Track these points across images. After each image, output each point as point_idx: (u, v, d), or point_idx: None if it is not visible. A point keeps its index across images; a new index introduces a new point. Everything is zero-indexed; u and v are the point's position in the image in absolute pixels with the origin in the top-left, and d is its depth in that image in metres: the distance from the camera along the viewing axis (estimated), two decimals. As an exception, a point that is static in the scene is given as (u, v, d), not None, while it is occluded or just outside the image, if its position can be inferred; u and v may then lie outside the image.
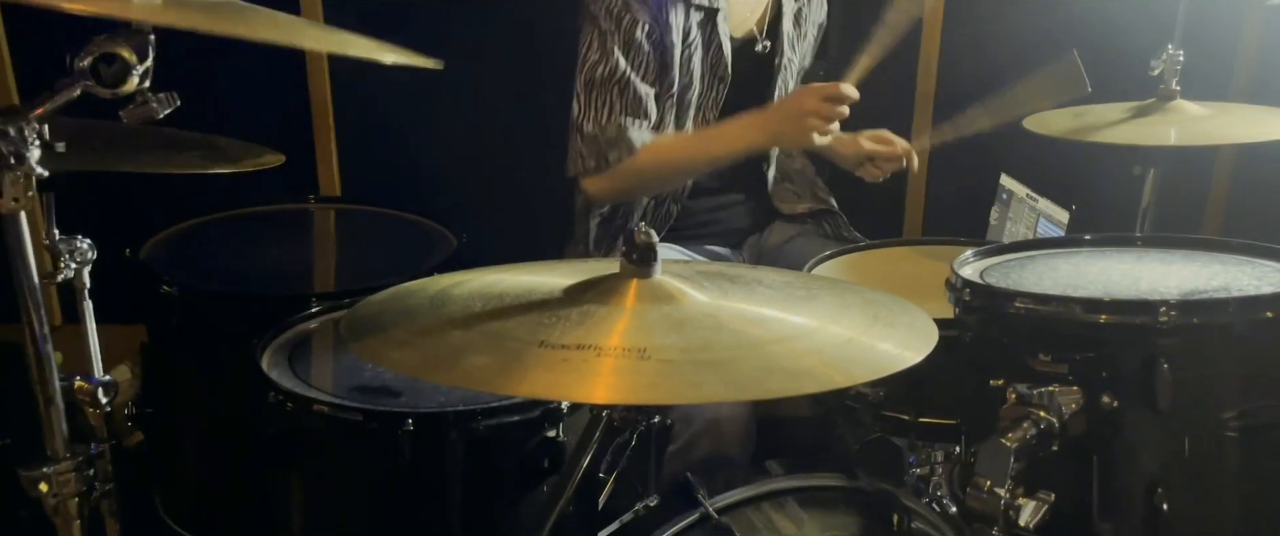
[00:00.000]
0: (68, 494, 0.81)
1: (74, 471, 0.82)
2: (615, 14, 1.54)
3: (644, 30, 1.54)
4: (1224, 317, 0.88)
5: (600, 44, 1.55)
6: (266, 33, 0.76)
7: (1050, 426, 0.88)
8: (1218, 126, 1.47)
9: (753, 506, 1.17)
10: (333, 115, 2.31)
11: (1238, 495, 0.92)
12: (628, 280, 0.90)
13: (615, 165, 1.56)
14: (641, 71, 1.56)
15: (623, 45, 1.54)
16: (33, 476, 0.84)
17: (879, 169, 1.77)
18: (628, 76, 1.55)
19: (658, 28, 1.55)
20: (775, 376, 0.75)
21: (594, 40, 1.56)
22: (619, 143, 1.57)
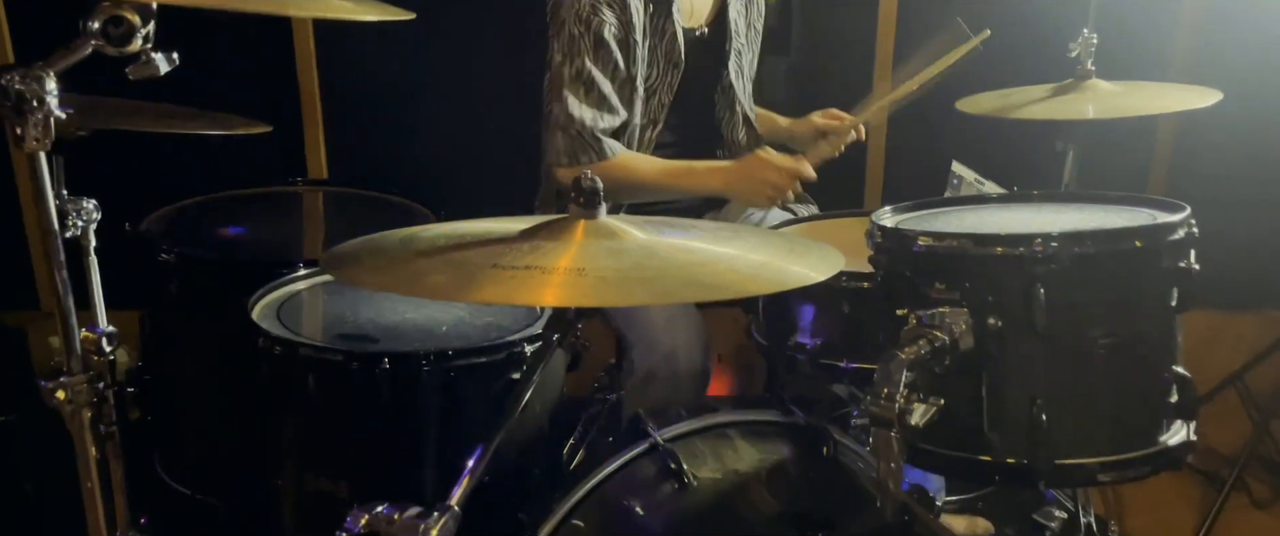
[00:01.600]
0: (82, 402, 0.93)
1: (87, 383, 0.94)
2: (584, 17, 1.65)
3: (611, 31, 1.65)
4: (1090, 248, 1.01)
5: (569, 46, 1.66)
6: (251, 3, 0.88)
7: (942, 344, 1.00)
8: (1128, 102, 1.60)
9: (698, 437, 1.29)
10: (320, 102, 2.44)
11: (1106, 405, 1.05)
12: (576, 221, 1.03)
13: (586, 166, 1.67)
14: (608, 70, 1.67)
15: (591, 46, 1.65)
16: (51, 386, 0.96)
17: (831, 145, 1.90)
18: (594, 76, 1.66)
19: (622, 27, 1.67)
20: (693, 287, 0.88)
21: (563, 42, 1.67)
22: (591, 146, 1.68)
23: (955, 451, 1.08)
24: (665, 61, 1.77)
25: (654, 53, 1.75)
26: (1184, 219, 1.06)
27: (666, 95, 1.79)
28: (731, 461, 1.23)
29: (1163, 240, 1.04)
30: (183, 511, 1.64)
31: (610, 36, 1.66)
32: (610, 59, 1.67)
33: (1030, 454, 1.04)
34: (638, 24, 1.69)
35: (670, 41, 1.75)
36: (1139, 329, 1.04)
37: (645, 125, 1.80)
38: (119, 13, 0.87)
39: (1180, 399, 1.07)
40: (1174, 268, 1.05)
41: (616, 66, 1.68)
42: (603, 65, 1.67)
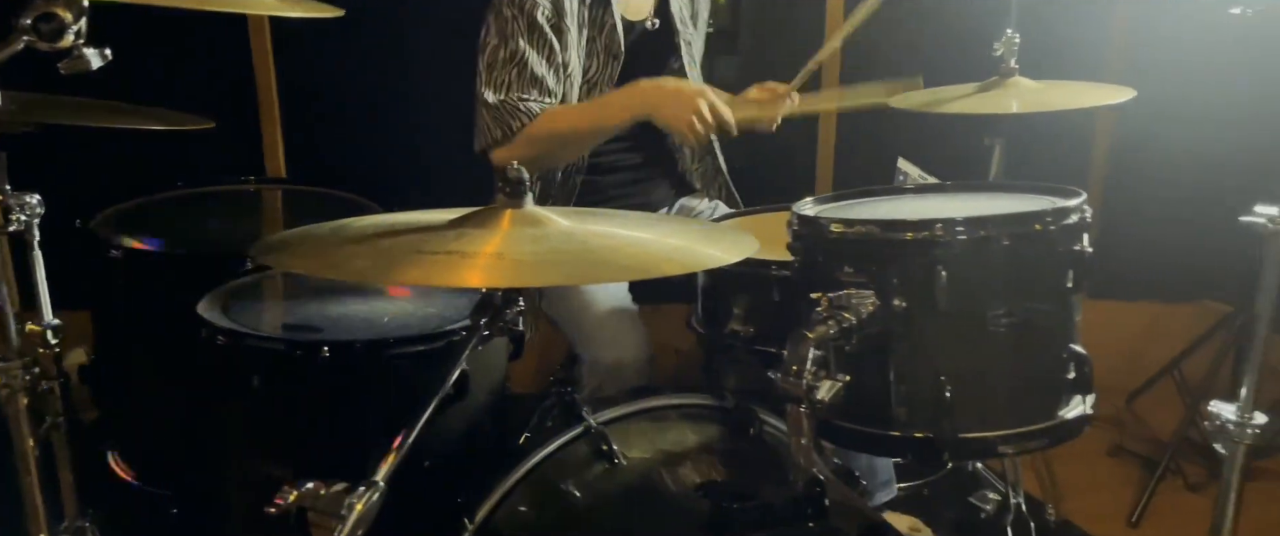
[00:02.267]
0: (17, 387, 0.96)
1: (22, 369, 0.97)
2: (518, 2, 1.69)
3: (544, 15, 1.70)
4: (987, 232, 1.07)
5: (501, 28, 1.70)
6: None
7: (850, 324, 1.06)
8: (1049, 97, 1.67)
9: (631, 420, 1.34)
10: (278, 100, 2.46)
11: (1008, 380, 1.11)
12: (503, 211, 1.08)
13: (517, 134, 1.70)
14: (541, 51, 1.70)
15: (525, 29, 1.69)
16: (-16, 370, 0.99)
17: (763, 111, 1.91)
18: (527, 57, 1.69)
19: (556, 14, 1.71)
20: (605, 268, 0.93)
21: (496, 25, 1.71)
22: (518, 113, 1.71)
23: (867, 427, 1.14)
24: (605, 53, 1.81)
25: (593, 45, 1.79)
26: (1078, 204, 1.12)
27: (608, 87, 1.83)
28: (661, 442, 1.29)
29: (1057, 224, 1.10)
30: (133, 502, 1.66)
31: (543, 20, 1.70)
32: (545, 42, 1.71)
33: (935, 428, 1.10)
34: (571, 12, 1.73)
35: (609, 33, 1.80)
36: (1037, 308, 1.10)
37: None
38: (51, 9, 0.90)
39: (1077, 375, 1.12)
40: (1069, 250, 1.11)
41: (552, 50, 1.72)
42: (536, 47, 1.70)
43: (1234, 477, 1.40)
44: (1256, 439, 2.45)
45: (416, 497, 1.37)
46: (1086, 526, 2.18)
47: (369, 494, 0.95)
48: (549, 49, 1.72)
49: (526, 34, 1.70)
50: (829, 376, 1.04)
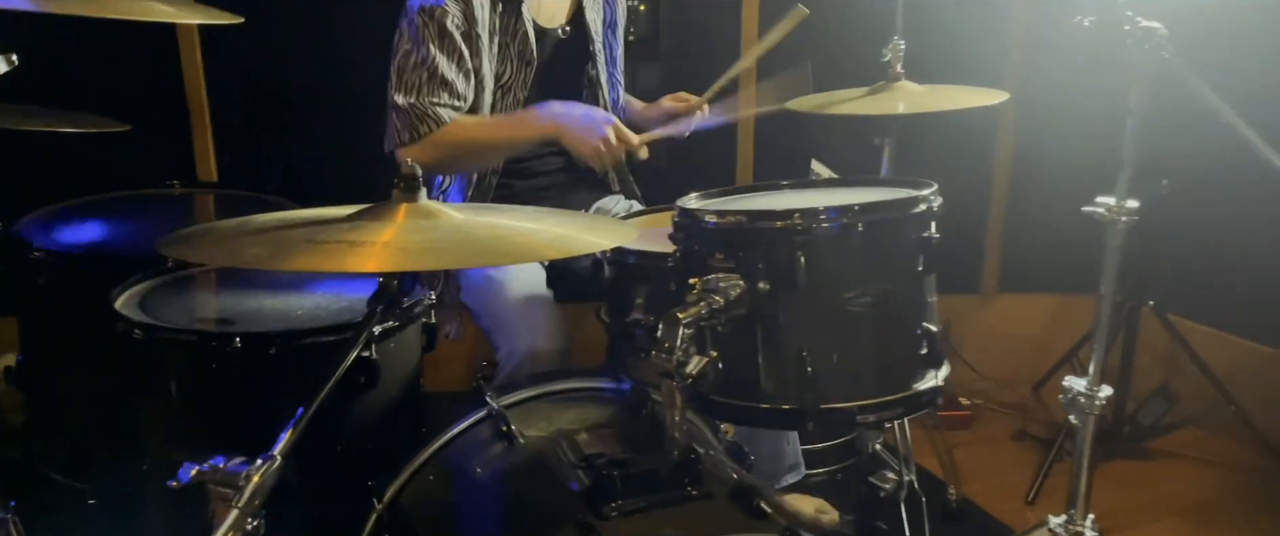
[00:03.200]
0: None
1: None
2: (428, 9, 1.76)
3: (454, 22, 1.77)
4: (842, 220, 1.17)
5: (413, 34, 1.77)
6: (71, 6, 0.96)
7: (718, 305, 1.15)
8: (932, 100, 1.80)
9: (532, 402, 1.43)
10: (207, 106, 2.50)
11: (865, 355, 1.21)
12: (398, 205, 1.16)
13: (426, 138, 1.77)
14: (451, 57, 1.78)
15: (435, 35, 1.76)
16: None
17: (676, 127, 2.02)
18: (437, 62, 1.76)
19: (466, 21, 1.79)
20: (486, 254, 1.01)
21: (408, 30, 1.78)
22: (428, 117, 1.78)
23: (740, 401, 1.23)
24: (518, 59, 1.89)
25: (505, 50, 1.87)
26: (927, 195, 1.23)
27: (522, 91, 1.91)
28: (558, 422, 1.37)
29: (907, 213, 1.21)
30: (56, 497, 1.70)
31: (453, 27, 1.77)
32: (455, 48, 1.78)
33: (800, 400, 1.19)
34: (482, 19, 1.81)
35: (522, 40, 1.88)
36: (890, 290, 1.20)
37: None
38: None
39: (929, 351, 1.23)
40: (919, 237, 1.22)
41: (461, 56, 1.79)
42: (447, 53, 1.77)
43: (1086, 445, 1.52)
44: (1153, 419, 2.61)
45: (331, 482, 1.45)
46: (986, 505, 2.31)
47: (266, 466, 1.02)
48: (459, 55, 1.79)
49: (437, 40, 1.78)
50: (699, 353, 1.13)
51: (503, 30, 1.86)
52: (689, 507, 1.15)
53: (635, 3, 2.61)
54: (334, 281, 1.62)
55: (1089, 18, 1.35)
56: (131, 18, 0.95)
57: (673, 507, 1.14)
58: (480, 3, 1.80)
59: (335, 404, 1.44)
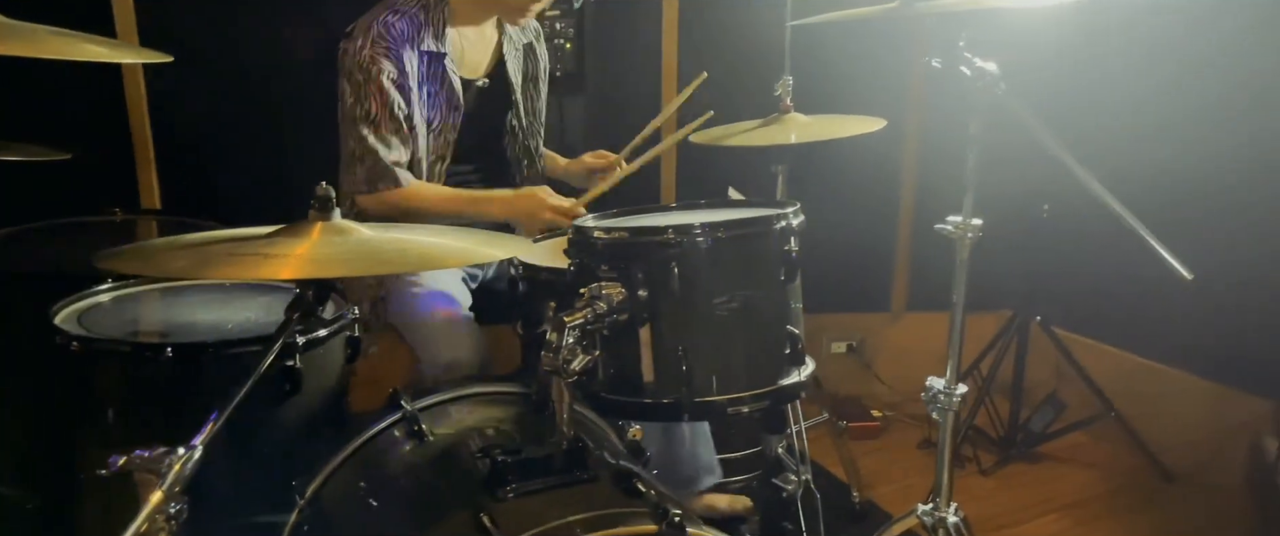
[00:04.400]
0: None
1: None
2: (365, 66, 1.90)
3: (390, 77, 1.91)
4: (711, 235, 1.33)
5: (355, 91, 1.91)
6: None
7: (603, 310, 1.31)
8: (818, 129, 1.99)
9: (443, 405, 1.56)
10: (151, 134, 2.60)
11: (735, 354, 1.37)
12: (314, 223, 1.29)
13: (383, 193, 1.93)
14: (391, 109, 1.92)
15: (375, 91, 1.90)
16: None
17: (603, 179, 2.21)
18: (379, 117, 1.91)
19: (401, 73, 1.93)
20: (390, 263, 1.15)
21: (350, 88, 1.92)
22: (385, 176, 1.93)
23: (627, 397, 1.38)
24: (447, 106, 2.03)
25: (435, 98, 2.02)
26: (787, 213, 1.40)
27: (452, 134, 2.06)
28: (466, 421, 1.51)
29: (769, 229, 1.38)
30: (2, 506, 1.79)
31: (389, 82, 1.91)
32: (391, 101, 1.92)
33: (677, 394, 1.35)
34: (412, 71, 1.95)
35: (449, 89, 2.03)
36: (755, 296, 1.37)
37: (434, 160, 2.05)
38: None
39: (791, 350, 1.40)
40: (780, 250, 1.39)
41: (398, 107, 1.94)
42: (387, 107, 1.92)
43: (947, 437, 1.69)
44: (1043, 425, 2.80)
45: (258, 483, 1.56)
46: (888, 507, 2.47)
47: (188, 455, 1.14)
48: (399, 108, 1.93)
49: (377, 96, 1.92)
50: (584, 353, 1.28)
51: (431, 80, 2.00)
52: (577, 490, 1.28)
53: (562, 41, 2.79)
54: (265, 299, 1.74)
55: (937, 58, 1.54)
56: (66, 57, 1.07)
57: (562, 490, 1.27)
58: (409, 57, 1.95)
59: (263, 410, 1.58)
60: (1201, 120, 2.43)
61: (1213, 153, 2.39)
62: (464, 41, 2.05)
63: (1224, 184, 2.41)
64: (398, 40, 1.92)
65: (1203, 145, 2.40)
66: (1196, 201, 2.42)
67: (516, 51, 2.17)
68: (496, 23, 2.12)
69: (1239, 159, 2.35)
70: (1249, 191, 2.37)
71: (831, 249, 2.99)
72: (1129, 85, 2.67)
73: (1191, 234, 2.40)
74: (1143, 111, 2.61)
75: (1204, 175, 2.43)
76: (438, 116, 2.03)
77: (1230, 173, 2.39)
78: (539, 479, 1.29)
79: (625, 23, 2.83)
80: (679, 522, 1.18)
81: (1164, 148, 2.51)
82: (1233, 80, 2.37)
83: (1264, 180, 2.33)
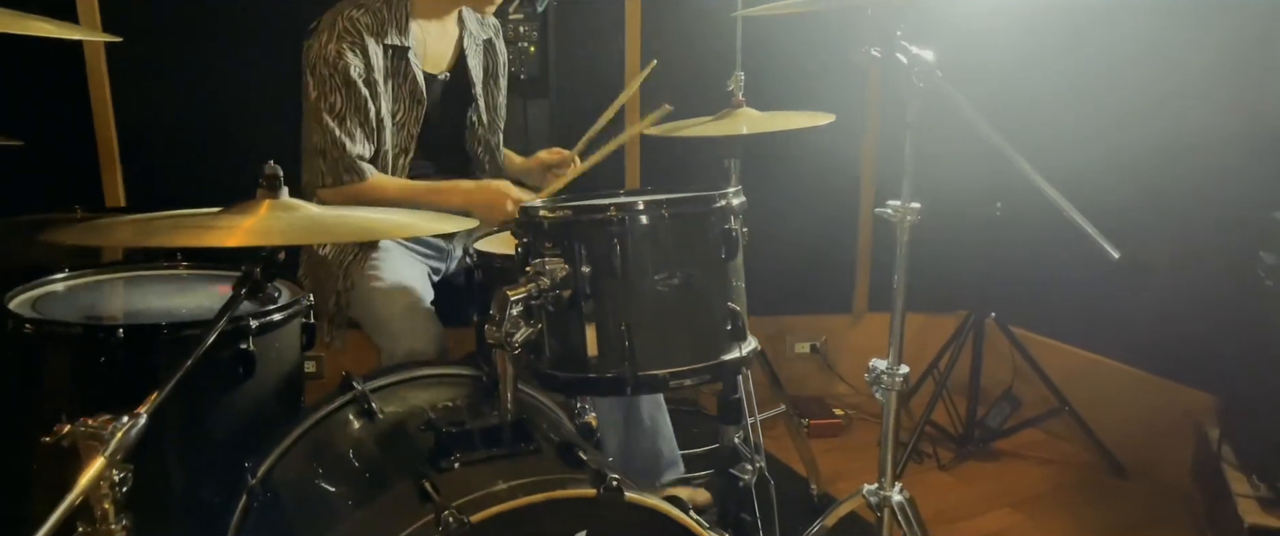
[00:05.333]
0: None
1: None
2: (330, 61, 1.93)
3: (356, 71, 1.94)
4: (653, 213, 1.37)
5: (319, 85, 1.94)
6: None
7: (546, 285, 1.34)
8: (769, 122, 2.04)
9: (394, 386, 1.58)
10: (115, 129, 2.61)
11: (677, 329, 1.39)
12: (263, 201, 1.32)
13: (347, 186, 1.95)
14: (356, 103, 1.95)
15: (341, 85, 1.93)
16: None
17: (557, 175, 2.25)
18: (344, 110, 1.94)
19: (366, 68, 1.96)
20: (330, 233, 1.18)
21: (314, 82, 1.95)
22: (350, 169, 1.96)
23: (573, 373, 1.41)
24: (410, 98, 2.07)
25: (398, 91, 2.05)
26: (728, 193, 1.44)
27: (414, 127, 2.09)
28: (415, 401, 1.53)
29: (708, 208, 1.41)
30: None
31: (357, 77, 1.94)
32: (359, 95, 1.95)
33: (620, 367, 1.38)
34: (378, 65, 1.99)
35: (412, 83, 2.06)
36: (696, 273, 1.40)
37: (397, 154, 2.08)
38: None
39: (732, 327, 1.43)
40: (721, 229, 1.42)
41: (365, 102, 1.97)
42: (352, 100, 1.95)
43: (891, 418, 1.73)
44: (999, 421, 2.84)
45: (213, 465, 1.58)
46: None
47: (132, 422, 1.16)
48: (364, 101, 1.96)
49: (343, 89, 1.95)
50: (527, 326, 1.31)
51: (395, 73, 2.04)
52: (521, 460, 1.31)
53: (525, 44, 2.84)
54: (224, 288, 1.75)
55: (876, 48, 1.59)
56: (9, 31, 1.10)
57: (506, 460, 1.30)
58: (375, 51, 1.99)
59: (218, 393, 1.60)
60: (1146, 116, 2.50)
61: (1155, 149, 2.46)
62: (426, 35, 2.09)
63: (1169, 181, 2.48)
64: (362, 34, 1.95)
65: (1145, 141, 2.47)
66: (1143, 198, 2.49)
67: (477, 47, 2.21)
68: (457, 18, 2.16)
69: (1183, 156, 2.42)
70: (1193, 189, 2.44)
71: (794, 251, 3.06)
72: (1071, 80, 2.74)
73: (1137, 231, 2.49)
74: (1086, 107, 2.69)
75: (1149, 172, 2.50)
76: (401, 109, 2.06)
77: (1174, 171, 2.46)
78: (484, 449, 1.32)
79: (588, 26, 2.88)
80: (617, 487, 1.21)
81: (1106, 144, 2.58)
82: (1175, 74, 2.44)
83: (1208, 179, 2.40)
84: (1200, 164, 2.39)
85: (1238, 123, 2.28)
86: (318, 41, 1.95)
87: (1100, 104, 2.64)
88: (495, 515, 1.15)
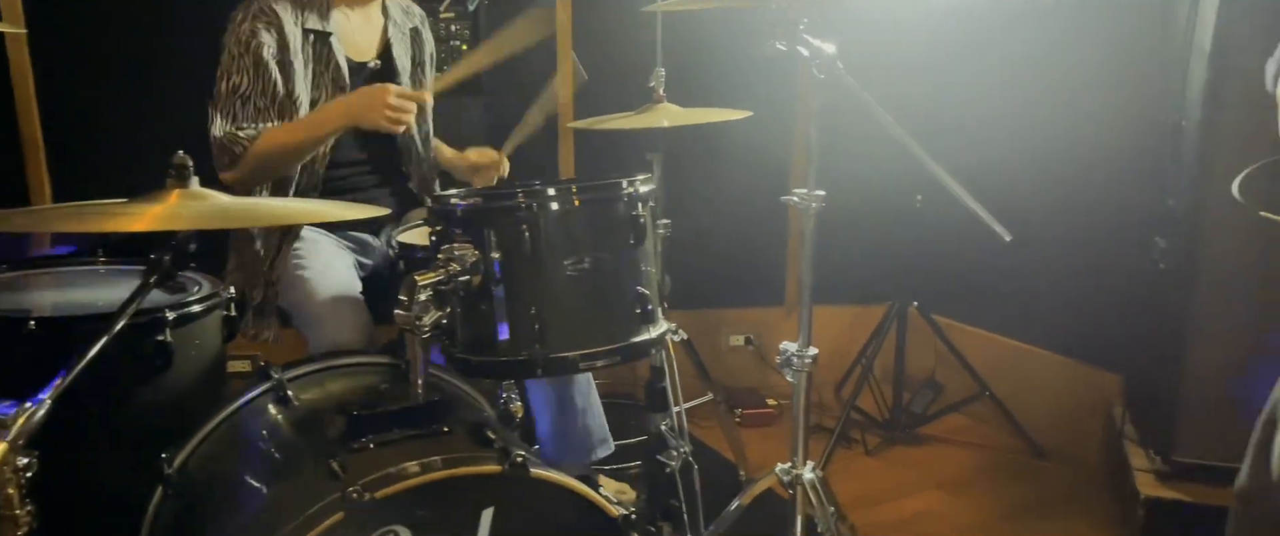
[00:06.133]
0: None
1: None
2: (244, 40, 1.94)
3: (269, 51, 1.95)
4: (561, 199, 1.41)
5: (228, 64, 1.94)
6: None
7: (455, 271, 1.37)
8: (688, 117, 2.10)
9: (312, 375, 1.60)
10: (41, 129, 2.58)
11: (586, 312, 1.43)
12: (172, 190, 1.34)
13: (240, 159, 1.93)
14: (265, 85, 1.95)
15: (250, 65, 1.93)
16: None
17: (484, 176, 2.28)
18: (250, 92, 1.94)
19: (280, 49, 1.96)
20: (235, 219, 1.20)
21: (226, 62, 1.95)
22: (238, 140, 1.93)
23: (485, 357, 1.44)
24: (332, 85, 2.07)
25: (319, 77, 2.05)
26: (635, 181, 1.49)
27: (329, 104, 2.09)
28: (332, 389, 1.56)
29: (616, 194, 1.46)
30: None
31: (269, 57, 1.94)
32: (269, 76, 1.94)
33: (530, 350, 1.42)
34: (295, 47, 1.98)
35: (335, 69, 2.06)
36: (605, 258, 1.44)
37: None
38: None
39: (642, 310, 1.47)
40: (628, 215, 1.46)
41: (274, 84, 1.96)
42: (259, 82, 1.94)
43: (801, 399, 1.79)
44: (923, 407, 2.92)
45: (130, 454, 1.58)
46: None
47: (35, 408, 1.17)
48: (273, 83, 1.95)
49: (252, 69, 1.94)
50: (436, 309, 1.34)
51: (316, 59, 2.04)
52: (431, 440, 1.34)
53: (458, 43, 2.86)
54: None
55: (781, 41, 1.66)
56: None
57: (417, 441, 1.33)
58: (293, 32, 1.99)
59: (135, 385, 1.60)
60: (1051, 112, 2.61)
61: (1059, 143, 2.57)
62: (349, 23, 2.10)
63: (1073, 173, 2.59)
64: (278, 15, 1.96)
65: (1050, 136, 2.58)
66: (1048, 188, 2.60)
67: (403, 35, 2.22)
68: (382, 7, 2.18)
69: (1085, 149, 2.53)
70: (1095, 180, 2.55)
71: (727, 245, 3.12)
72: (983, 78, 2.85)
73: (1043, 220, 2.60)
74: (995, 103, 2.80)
75: (1054, 164, 2.61)
76: (323, 96, 2.05)
77: (1077, 163, 2.57)
78: (395, 431, 1.35)
79: (520, 25, 2.91)
80: (522, 463, 1.25)
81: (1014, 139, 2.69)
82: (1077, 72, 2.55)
83: (1108, 169, 2.51)
84: (1100, 156, 2.50)
85: (1133, 116, 2.39)
86: (233, 22, 1.96)
87: (1008, 100, 2.75)
88: (400, 492, 1.18)
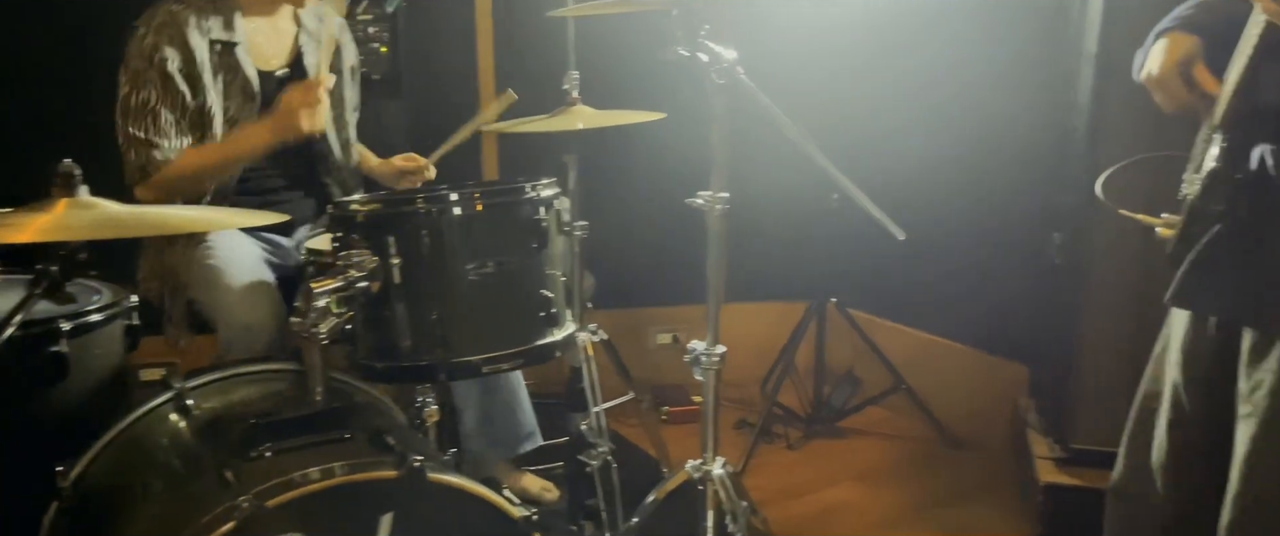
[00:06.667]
0: None
1: None
2: (147, 54, 1.90)
3: (174, 65, 1.91)
4: (462, 204, 1.42)
5: (132, 79, 1.90)
6: None
7: (353, 277, 1.38)
8: (602, 118, 2.12)
9: (215, 383, 1.59)
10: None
11: (489, 316, 1.46)
12: (59, 199, 1.31)
13: (153, 178, 1.91)
14: (173, 99, 1.92)
15: (157, 78, 1.90)
16: None
17: (411, 181, 2.27)
18: (158, 107, 1.90)
19: (186, 62, 1.92)
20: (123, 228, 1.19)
21: (128, 76, 1.91)
22: (152, 160, 1.92)
23: (388, 362, 1.45)
24: (242, 95, 2.04)
25: (229, 87, 2.03)
26: (537, 185, 1.51)
27: (251, 124, 2.08)
28: (234, 397, 1.54)
29: (518, 199, 1.48)
30: None
31: (175, 71, 1.91)
32: (176, 90, 1.92)
33: (433, 355, 1.43)
34: (201, 59, 1.95)
35: (243, 79, 2.03)
36: (507, 262, 1.46)
37: None
38: None
39: (546, 314, 1.50)
40: (532, 219, 1.49)
41: (183, 97, 1.93)
42: (168, 97, 1.92)
43: (710, 396, 1.83)
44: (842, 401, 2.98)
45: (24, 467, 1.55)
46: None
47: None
48: (181, 96, 1.93)
49: (159, 83, 1.91)
50: (335, 317, 1.34)
51: (224, 69, 2.00)
52: (330, 447, 1.34)
53: (377, 45, 2.84)
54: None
55: (683, 47, 1.68)
56: None
57: (315, 448, 1.33)
58: (198, 44, 1.95)
59: (29, 396, 1.57)
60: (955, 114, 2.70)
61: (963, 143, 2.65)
62: (257, 32, 2.08)
63: (978, 172, 2.68)
64: (181, 27, 1.93)
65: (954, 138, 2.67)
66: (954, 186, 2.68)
67: (315, 44, 2.20)
68: (293, 16, 2.16)
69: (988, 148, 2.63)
70: (998, 178, 2.64)
71: (649, 245, 3.15)
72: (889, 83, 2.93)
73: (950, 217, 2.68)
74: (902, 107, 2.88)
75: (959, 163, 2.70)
76: (233, 106, 2.03)
77: (981, 162, 2.66)
78: (294, 438, 1.34)
79: (439, 27, 2.91)
80: (418, 468, 1.26)
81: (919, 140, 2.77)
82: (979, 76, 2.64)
83: (1010, 168, 2.61)
84: (1004, 156, 2.59)
85: (1033, 118, 2.49)
86: (135, 36, 1.93)
87: (916, 103, 2.84)
88: (294, 499, 1.18)
